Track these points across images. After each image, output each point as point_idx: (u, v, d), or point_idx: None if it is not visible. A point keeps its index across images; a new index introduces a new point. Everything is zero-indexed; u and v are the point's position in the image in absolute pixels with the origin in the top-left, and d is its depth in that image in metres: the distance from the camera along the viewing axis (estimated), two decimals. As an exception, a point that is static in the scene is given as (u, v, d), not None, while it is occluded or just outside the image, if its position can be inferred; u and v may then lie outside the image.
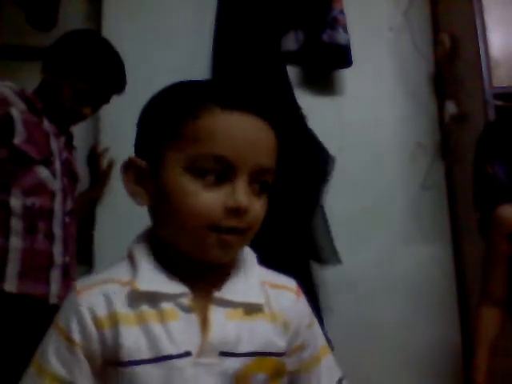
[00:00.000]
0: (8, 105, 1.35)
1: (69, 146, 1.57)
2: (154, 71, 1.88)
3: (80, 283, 0.65)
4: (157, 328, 0.60)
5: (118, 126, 1.82)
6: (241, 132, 0.61)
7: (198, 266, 0.64)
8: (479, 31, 1.79)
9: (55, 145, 1.45)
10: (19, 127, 1.34)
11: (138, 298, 0.62)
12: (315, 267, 1.82)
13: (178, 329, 0.61)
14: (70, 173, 1.52)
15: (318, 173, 1.81)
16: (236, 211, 0.60)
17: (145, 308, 0.61)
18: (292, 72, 2.00)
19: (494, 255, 1.34)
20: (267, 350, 0.64)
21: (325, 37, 1.92)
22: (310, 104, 1.99)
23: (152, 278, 0.62)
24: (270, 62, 1.88)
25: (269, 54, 1.89)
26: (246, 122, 0.62)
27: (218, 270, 0.66)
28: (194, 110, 0.61)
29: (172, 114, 0.63)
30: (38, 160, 1.37)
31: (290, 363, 0.68)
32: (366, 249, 1.95)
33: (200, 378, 0.60)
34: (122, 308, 0.61)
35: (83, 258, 1.73)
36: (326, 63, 1.96)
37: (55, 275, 1.37)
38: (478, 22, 1.79)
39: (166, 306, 0.62)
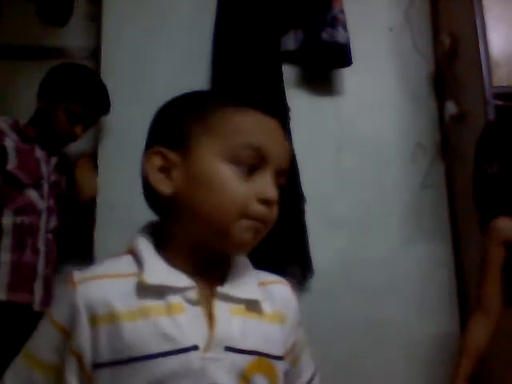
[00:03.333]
0: (5, 136, 1.55)
1: (59, 169, 1.70)
2: (154, 71, 1.88)
3: (77, 275, 0.64)
4: (164, 321, 0.60)
5: (119, 124, 1.83)
6: (271, 129, 0.66)
7: (201, 262, 0.65)
8: (479, 31, 1.78)
9: (45, 169, 1.63)
10: (12, 155, 1.54)
11: (144, 291, 0.61)
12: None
13: (185, 322, 0.61)
14: (57, 194, 1.67)
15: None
16: (266, 203, 0.63)
17: (151, 301, 0.61)
18: (292, 71, 2.00)
19: (488, 264, 1.34)
20: (266, 351, 0.65)
21: (324, 35, 1.91)
22: (309, 104, 2.00)
23: (159, 272, 0.63)
24: (268, 62, 1.88)
25: (268, 54, 1.89)
26: (270, 122, 0.66)
27: (219, 268, 0.66)
28: (223, 105, 0.66)
29: (201, 108, 0.66)
30: (28, 184, 1.55)
31: (286, 364, 0.69)
32: (366, 249, 1.95)
33: (207, 371, 0.60)
34: (124, 302, 0.61)
35: (83, 258, 1.73)
36: (326, 62, 1.96)
37: (39, 286, 1.55)
38: (478, 22, 1.79)
39: (173, 299, 0.61)
